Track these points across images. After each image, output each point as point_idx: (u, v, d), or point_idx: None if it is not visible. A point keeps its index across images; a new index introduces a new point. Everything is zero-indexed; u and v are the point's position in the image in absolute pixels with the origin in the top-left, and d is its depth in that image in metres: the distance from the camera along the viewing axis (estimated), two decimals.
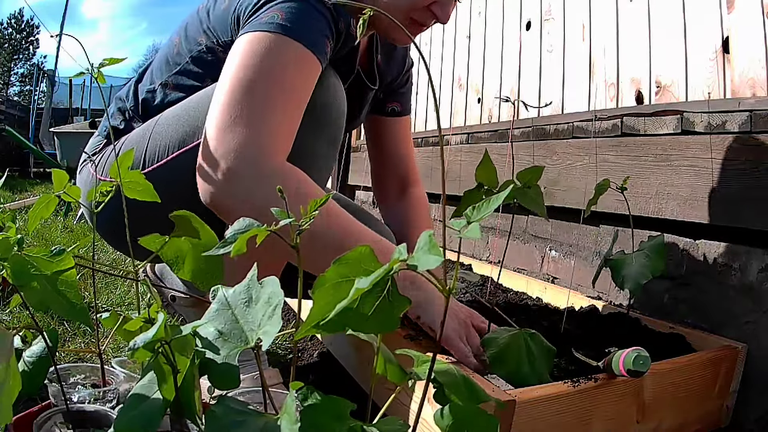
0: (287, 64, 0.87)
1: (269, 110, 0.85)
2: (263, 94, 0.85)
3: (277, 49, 0.87)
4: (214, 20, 1.04)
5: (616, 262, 1.02)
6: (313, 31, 0.91)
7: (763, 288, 0.98)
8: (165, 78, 1.11)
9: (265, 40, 0.87)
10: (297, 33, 0.88)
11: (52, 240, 2.47)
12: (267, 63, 0.86)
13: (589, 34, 1.53)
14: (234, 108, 0.84)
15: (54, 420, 0.68)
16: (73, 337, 1.29)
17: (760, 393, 0.94)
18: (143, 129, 1.08)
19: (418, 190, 1.35)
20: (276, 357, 1.35)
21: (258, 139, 0.83)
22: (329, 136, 1.01)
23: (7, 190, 5.15)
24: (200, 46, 1.06)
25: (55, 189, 0.78)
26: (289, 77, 0.87)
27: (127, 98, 1.17)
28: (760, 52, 1.06)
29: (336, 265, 0.45)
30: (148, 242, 0.71)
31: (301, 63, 0.89)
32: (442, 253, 0.41)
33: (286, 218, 0.51)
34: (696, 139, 1.12)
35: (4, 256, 0.62)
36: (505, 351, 0.79)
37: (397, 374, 0.57)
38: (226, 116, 0.84)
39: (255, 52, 0.87)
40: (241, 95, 0.85)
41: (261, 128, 0.84)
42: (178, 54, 1.10)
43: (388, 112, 1.33)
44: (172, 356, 0.52)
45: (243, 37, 0.90)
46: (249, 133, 0.83)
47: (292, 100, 0.88)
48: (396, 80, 1.32)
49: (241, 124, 0.83)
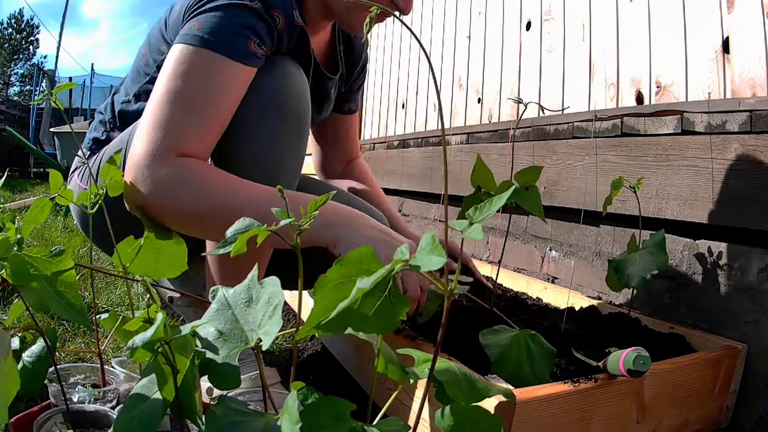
0: (201, 75, 0.91)
1: (180, 120, 0.89)
2: (177, 107, 0.89)
3: (192, 61, 0.91)
4: (171, 29, 1.08)
5: (621, 262, 1.02)
6: (229, 35, 0.94)
7: (763, 288, 0.98)
8: (137, 88, 1.15)
9: (183, 52, 0.92)
10: (212, 43, 0.92)
11: (52, 240, 2.47)
12: (183, 77, 0.91)
13: (589, 34, 1.53)
14: (148, 120, 0.89)
15: (54, 420, 0.68)
16: (73, 337, 1.29)
17: (760, 393, 0.94)
18: (120, 138, 1.12)
19: (359, 160, 1.55)
20: (274, 357, 1.35)
21: (165, 144, 0.87)
22: (295, 122, 1.03)
23: (7, 190, 5.15)
24: (163, 55, 1.10)
25: (51, 191, 0.78)
26: (203, 87, 0.91)
27: (106, 111, 1.22)
28: (760, 52, 1.06)
29: (338, 265, 0.45)
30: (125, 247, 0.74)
31: (216, 71, 0.92)
32: (445, 254, 0.41)
33: (286, 218, 0.51)
34: (696, 139, 1.12)
35: (3, 256, 0.62)
36: (506, 353, 0.79)
37: (398, 373, 0.57)
38: (140, 130, 0.89)
39: (173, 67, 0.92)
40: (156, 109, 0.89)
41: (169, 136, 0.87)
42: (146, 64, 1.14)
43: (345, 111, 1.44)
44: (172, 356, 0.52)
45: (171, 48, 0.95)
46: (156, 141, 0.87)
47: (207, 108, 0.91)
48: (356, 77, 1.39)
49: (150, 135, 0.88)
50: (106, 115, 1.21)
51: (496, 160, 1.79)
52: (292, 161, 1.04)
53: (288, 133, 1.02)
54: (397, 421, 0.51)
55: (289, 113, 1.01)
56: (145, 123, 0.89)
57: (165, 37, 1.09)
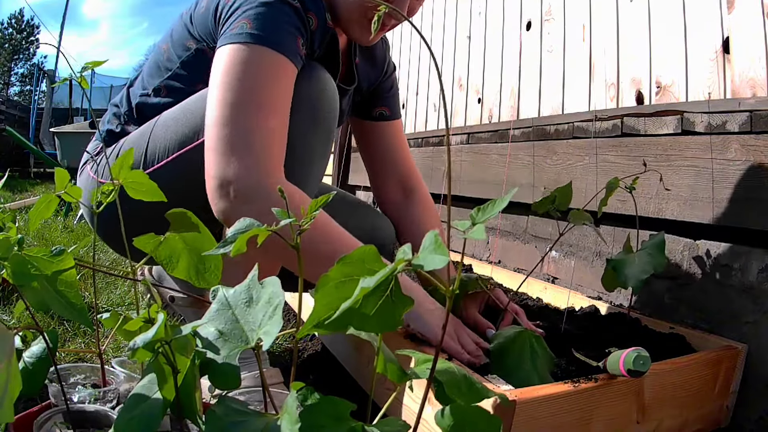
0: (263, 74, 0.91)
1: (258, 130, 0.89)
2: (249, 114, 0.89)
3: (251, 60, 0.91)
4: (197, 24, 1.07)
5: (619, 263, 1.02)
6: (281, 33, 0.93)
7: (763, 288, 0.98)
8: (157, 83, 1.14)
9: (239, 53, 0.91)
10: (266, 39, 0.91)
11: (53, 240, 2.47)
12: (245, 78, 0.90)
13: (590, 35, 1.53)
14: (225, 132, 0.88)
15: (54, 420, 0.68)
16: (73, 337, 1.29)
17: (760, 393, 0.94)
18: (141, 131, 1.10)
19: (424, 192, 1.35)
20: (275, 357, 1.35)
21: (256, 163, 0.87)
22: (324, 129, 1.03)
23: (8, 190, 5.15)
24: (189, 50, 1.09)
25: (57, 188, 0.78)
26: (267, 89, 0.91)
27: (121, 104, 1.21)
28: (760, 52, 1.06)
29: (339, 264, 0.45)
30: (143, 243, 0.71)
31: (275, 69, 0.92)
32: (447, 253, 0.41)
33: (286, 218, 0.51)
34: (696, 139, 1.12)
35: (4, 256, 0.62)
36: (508, 345, 0.80)
37: (398, 374, 0.57)
38: (222, 142, 0.88)
39: (231, 68, 0.91)
40: (229, 118, 0.88)
41: (256, 151, 0.88)
42: (168, 60, 1.13)
43: (376, 117, 1.33)
44: (173, 356, 0.52)
45: (220, 50, 0.94)
46: (247, 159, 0.87)
47: (274, 112, 0.91)
48: (378, 83, 1.33)
49: (238, 150, 0.87)
50: (122, 107, 1.20)
51: (496, 160, 1.79)
52: (320, 167, 1.05)
53: (319, 139, 1.02)
54: (397, 421, 0.51)
55: (321, 120, 1.01)
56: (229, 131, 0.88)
57: (192, 33, 1.08)
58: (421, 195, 1.34)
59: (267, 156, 0.89)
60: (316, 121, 1.00)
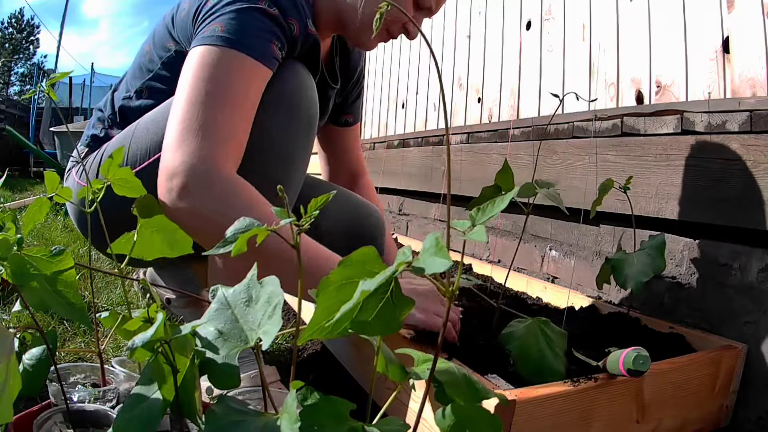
0: (230, 75, 0.91)
1: (215, 124, 0.88)
2: (209, 109, 0.88)
3: (218, 62, 0.91)
4: (178, 27, 1.08)
5: (618, 262, 1.02)
6: (252, 37, 0.94)
7: (763, 288, 0.98)
8: (139, 85, 1.14)
9: (208, 55, 0.91)
10: (236, 43, 0.91)
11: (52, 240, 2.47)
12: (210, 78, 0.90)
13: (590, 34, 1.53)
14: (182, 124, 0.88)
15: (54, 419, 0.68)
16: (73, 337, 1.29)
17: (760, 393, 0.94)
18: (124, 134, 1.11)
19: (366, 179, 1.55)
20: (273, 355, 1.35)
21: (206, 153, 0.86)
22: (305, 125, 1.04)
23: (8, 189, 5.15)
24: (169, 51, 1.10)
25: (47, 191, 0.78)
26: (231, 87, 0.90)
27: (105, 108, 1.21)
28: (760, 52, 1.06)
29: (340, 267, 0.45)
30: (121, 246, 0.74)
31: (242, 70, 0.92)
32: (449, 257, 0.41)
33: (286, 218, 0.51)
34: (696, 139, 1.12)
35: (4, 256, 0.62)
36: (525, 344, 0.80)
37: (398, 373, 0.57)
38: (176, 133, 0.88)
39: (199, 68, 0.91)
40: (189, 112, 0.88)
41: (208, 142, 0.86)
42: (150, 61, 1.14)
43: (341, 123, 1.44)
44: (172, 356, 0.52)
45: (191, 51, 0.94)
46: (196, 148, 0.86)
47: (237, 107, 0.91)
48: (350, 89, 1.40)
49: (189, 140, 0.86)
50: (105, 111, 1.20)
51: (496, 159, 1.79)
52: (302, 159, 1.06)
53: (299, 132, 1.03)
54: (397, 420, 0.51)
55: (301, 114, 1.02)
56: (183, 126, 0.87)
57: (172, 34, 1.09)
58: (365, 180, 1.53)
59: (221, 146, 0.87)
60: (296, 116, 1.01)
